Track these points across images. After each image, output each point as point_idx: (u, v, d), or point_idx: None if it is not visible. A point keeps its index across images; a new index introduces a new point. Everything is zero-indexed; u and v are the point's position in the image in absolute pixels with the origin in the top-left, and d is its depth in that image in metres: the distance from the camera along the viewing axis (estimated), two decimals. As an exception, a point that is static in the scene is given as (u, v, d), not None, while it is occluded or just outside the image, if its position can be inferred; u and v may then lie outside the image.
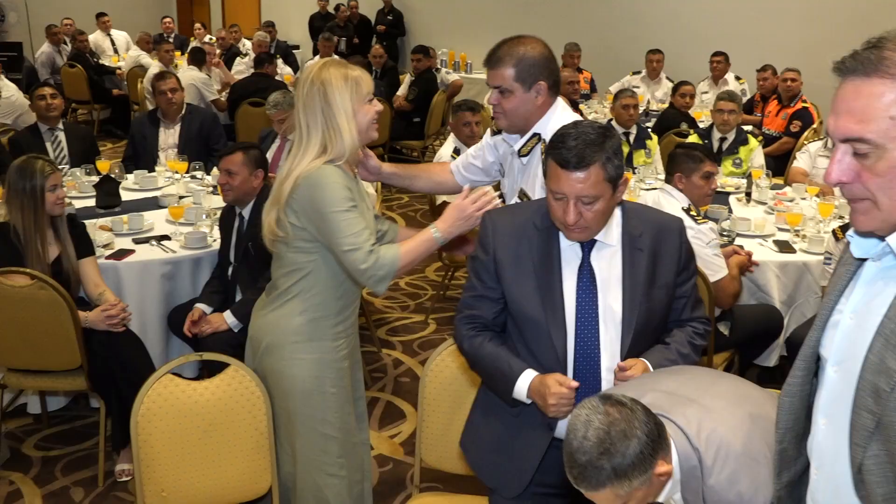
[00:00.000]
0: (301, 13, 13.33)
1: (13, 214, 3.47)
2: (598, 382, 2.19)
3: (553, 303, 2.17)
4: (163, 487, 2.59)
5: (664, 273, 2.22)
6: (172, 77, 5.81)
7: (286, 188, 2.46)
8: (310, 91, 2.46)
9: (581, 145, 2.03)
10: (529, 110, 2.68)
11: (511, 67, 2.63)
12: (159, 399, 2.57)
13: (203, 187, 5.05)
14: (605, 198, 2.07)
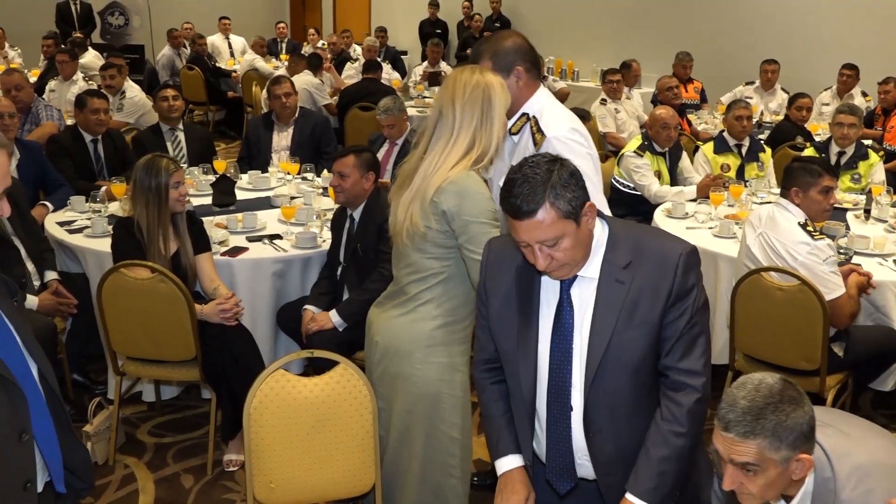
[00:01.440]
0: (410, 19, 13.51)
1: (138, 210, 3.63)
2: (567, 423, 2.14)
3: (527, 340, 2.13)
4: (271, 479, 2.66)
5: (646, 309, 2.03)
6: (287, 82, 5.98)
7: (432, 184, 2.50)
8: (475, 90, 2.52)
9: (525, 190, 1.91)
10: (514, 95, 2.83)
11: (488, 60, 2.86)
12: (271, 393, 2.65)
13: (314, 189, 5.17)
14: (570, 234, 1.95)
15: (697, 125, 7.83)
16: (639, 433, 2.11)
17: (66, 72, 8.01)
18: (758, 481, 1.81)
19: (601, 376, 2.05)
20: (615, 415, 2.09)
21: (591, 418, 2.10)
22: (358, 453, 2.72)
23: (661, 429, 2.06)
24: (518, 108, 2.92)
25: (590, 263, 2.06)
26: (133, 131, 6.42)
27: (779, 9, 9.49)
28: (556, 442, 2.18)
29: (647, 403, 2.11)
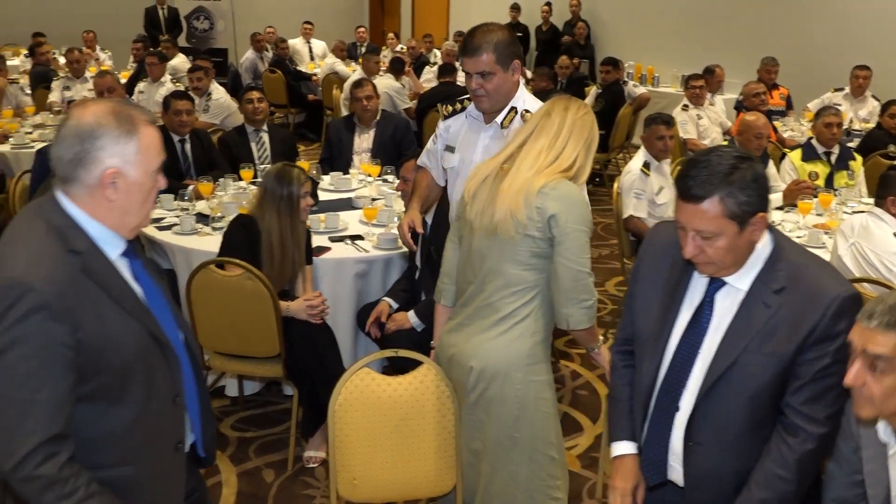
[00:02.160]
0: (488, 24, 13.52)
1: (268, 218, 3.68)
2: (670, 421, 2.11)
3: (662, 329, 2.11)
4: (354, 476, 2.69)
5: (782, 340, 1.95)
6: (369, 85, 6.05)
7: (535, 183, 2.48)
8: (587, 115, 2.60)
9: (703, 175, 1.89)
10: (509, 88, 3.03)
11: (491, 52, 2.95)
12: (356, 391, 2.67)
13: (394, 191, 5.21)
14: (729, 235, 1.91)
15: (783, 132, 7.64)
16: (740, 461, 2.06)
17: (154, 74, 8.25)
18: (885, 381, 1.75)
19: (717, 390, 2.02)
20: (720, 433, 2.04)
21: (694, 427, 2.07)
22: (440, 454, 2.73)
23: (767, 469, 2.00)
24: (508, 102, 3.06)
25: (744, 275, 2.02)
26: (219, 132, 6.57)
27: (868, 13, 9.20)
28: (655, 435, 2.16)
29: (757, 434, 2.04)
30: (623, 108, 8.38)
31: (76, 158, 1.78)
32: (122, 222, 1.86)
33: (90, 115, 1.79)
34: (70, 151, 1.78)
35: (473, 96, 3.06)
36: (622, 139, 8.62)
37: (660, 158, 5.09)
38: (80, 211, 1.82)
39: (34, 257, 1.73)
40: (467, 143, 3.19)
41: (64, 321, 1.70)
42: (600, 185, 8.72)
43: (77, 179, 1.80)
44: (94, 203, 1.82)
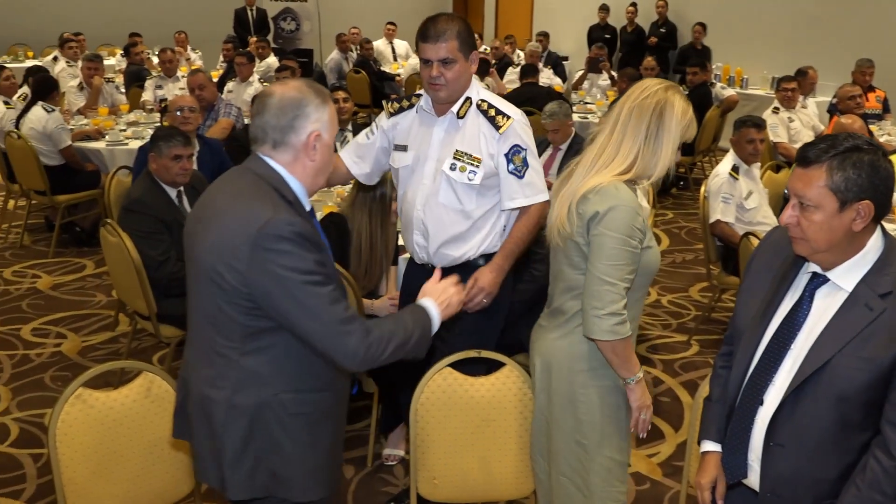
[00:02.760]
0: (575, 24, 13.40)
1: (358, 218, 3.72)
2: (752, 416, 2.06)
3: (759, 324, 2.08)
4: (435, 475, 2.70)
5: (881, 347, 1.87)
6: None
7: (579, 190, 2.38)
8: (649, 98, 2.36)
9: (823, 145, 1.91)
10: (466, 78, 2.95)
11: (454, 39, 2.85)
12: (438, 390, 2.68)
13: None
14: (826, 210, 1.88)
15: (879, 136, 7.38)
16: (819, 469, 1.99)
17: (243, 74, 8.42)
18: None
19: (805, 390, 1.96)
20: (802, 436, 1.98)
21: (777, 426, 2.01)
22: (521, 456, 2.72)
23: (862, 493, 1.92)
24: (462, 94, 2.97)
25: (849, 274, 1.97)
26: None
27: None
28: (738, 430, 2.11)
29: (840, 442, 1.97)
30: (710, 110, 8.21)
31: (288, 125, 2.09)
32: (314, 182, 2.18)
33: (293, 90, 2.11)
34: (282, 119, 2.09)
35: (430, 85, 2.91)
36: (709, 142, 8.45)
37: (749, 162, 4.97)
38: (285, 170, 2.12)
39: (273, 203, 2.03)
40: (421, 139, 3.06)
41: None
42: (685, 189, 8.56)
43: (287, 143, 2.10)
44: (296, 164, 2.13)
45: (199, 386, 2.15)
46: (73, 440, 2.50)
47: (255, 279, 1.99)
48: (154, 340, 4.75)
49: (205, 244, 2.06)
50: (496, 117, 2.92)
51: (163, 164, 4.24)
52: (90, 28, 12.09)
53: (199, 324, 2.16)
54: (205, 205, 2.16)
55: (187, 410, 2.22)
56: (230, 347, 2.09)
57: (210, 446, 2.15)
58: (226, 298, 2.04)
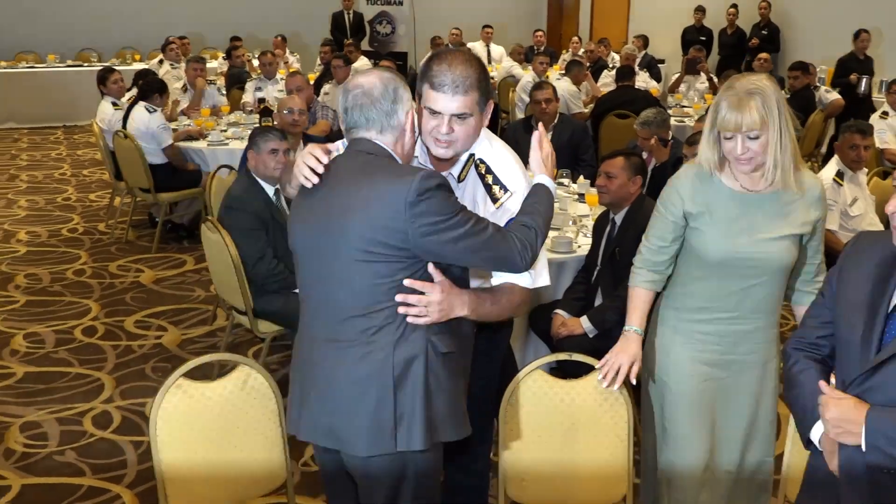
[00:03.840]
0: (670, 27, 13.19)
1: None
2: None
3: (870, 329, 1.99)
4: (523, 476, 2.68)
5: None
6: (550, 87, 6.03)
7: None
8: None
9: None
10: (478, 132, 2.42)
11: (475, 91, 2.30)
12: (528, 392, 2.67)
13: (569, 194, 5.16)
14: None
15: None
16: None
17: (339, 76, 8.57)
18: None
19: None
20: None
21: None
22: (611, 462, 2.68)
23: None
24: (468, 148, 2.43)
25: None
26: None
27: None
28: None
29: None
30: (813, 114, 7.96)
31: (391, 109, 2.21)
32: (409, 161, 2.34)
33: (386, 77, 2.23)
34: (384, 104, 2.21)
35: (436, 140, 2.34)
36: (811, 147, 8.19)
37: (854, 169, 4.80)
38: (391, 150, 2.25)
39: (402, 166, 2.23)
40: None
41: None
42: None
43: (391, 126, 2.22)
44: (397, 144, 2.26)
45: (350, 366, 2.19)
46: (173, 428, 2.58)
47: (421, 236, 2.11)
48: (250, 335, 4.86)
49: (351, 226, 2.14)
50: (493, 187, 2.45)
51: (261, 159, 4.36)
52: (194, 32, 12.51)
53: (338, 310, 2.21)
54: (328, 198, 2.21)
55: (328, 400, 2.23)
56: (380, 309, 2.16)
57: (378, 416, 2.17)
58: (385, 271, 2.14)
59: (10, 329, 5.16)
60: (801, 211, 2.50)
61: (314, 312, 2.30)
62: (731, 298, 2.57)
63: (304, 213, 2.29)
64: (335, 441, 2.25)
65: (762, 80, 2.40)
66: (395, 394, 2.17)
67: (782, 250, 2.50)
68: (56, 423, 4.07)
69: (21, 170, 9.54)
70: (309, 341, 2.31)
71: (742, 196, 2.50)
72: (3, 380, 4.51)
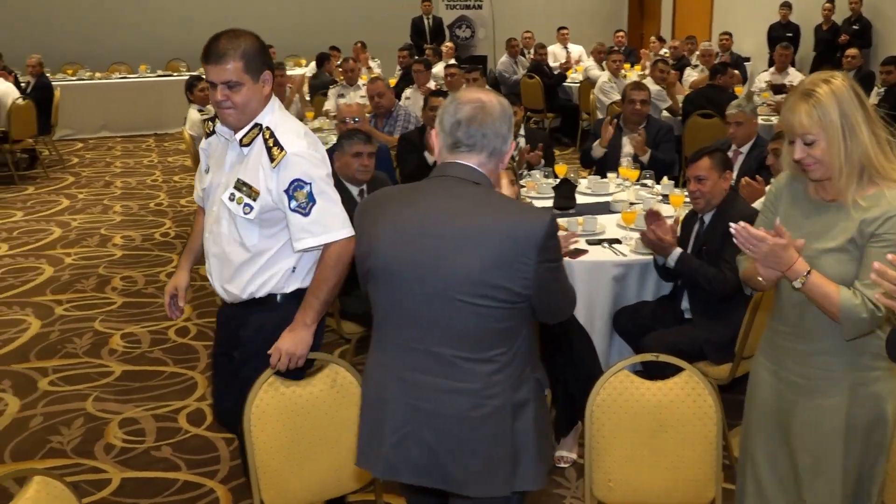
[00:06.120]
0: (755, 24, 12.88)
1: None
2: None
3: None
4: (610, 477, 2.67)
5: None
6: (646, 89, 5.98)
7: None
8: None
9: None
10: (259, 101, 2.69)
11: (239, 60, 2.61)
12: (614, 392, 2.66)
13: (653, 195, 5.12)
14: None
15: None
16: None
17: (420, 80, 8.65)
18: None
19: None
20: None
21: None
22: (700, 464, 2.64)
23: None
24: (252, 118, 2.71)
25: None
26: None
27: None
28: None
29: None
30: (909, 110, 7.68)
31: (506, 135, 2.16)
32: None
33: (504, 101, 2.18)
34: (503, 128, 2.14)
35: (218, 109, 2.70)
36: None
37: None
38: (489, 180, 2.17)
39: (525, 205, 2.30)
40: (218, 162, 2.87)
41: None
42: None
43: (500, 152, 2.16)
44: (493, 173, 2.19)
45: (462, 408, 2.12)
46: (266, 425, 2.66)
47: (541, 279, 2.08)
48: (335, 336, 4.95)
49: (466, 265, 2.04)
50: (272, 148, 2.69)
51: (344, 161, 4.45)
52: (278, 39, 12.75)
53: (442, 350, 2.12)
54: (432, 229, 2.09)
55: (433, 441, 2.15)
56: (498, 354, 2.11)
57: (494, 456, 2.14)
58: (497, 315, 2.08)
59: (109, 329, 5.37)
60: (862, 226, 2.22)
61: (405, 347, 2.17)
62: (793, 311, 2.38)
63: (395, 234, 2.14)
64: (440, 481, 2.17)
65: (830, 79, 2.20)
66: (511, 434, 2.14)
67: (835, 264, 2.24)
68: (153, 420, 4.22)
69: (115, 176, 9.90)
70: (398, 380, 2.18)
71: (812, 202, 2.34)
72: (102, 378, 4.70)
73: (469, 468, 2.14)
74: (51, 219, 8.04)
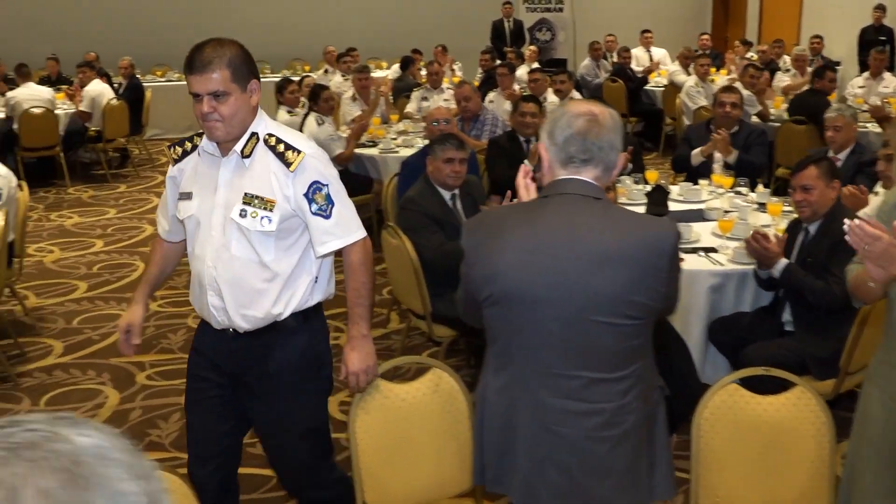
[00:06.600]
0: (846, 27, 12.53)
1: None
2: None
3: None
4: (717, 494, 2.62)
5: None
6: (738, 93, 5.87)
7: None
8: None
9: None
10: (247, 111, 2.53)
11: (225, 68, 2.45)
12: (723, 406, 2.60)
13: (748, 204, 5.01)
14: None
15: None
16: None
17: (504, 84, 8.64)
18: None
19: None
20: None
21: None
22: (812, 483, 2.57)
23: None
24: (246, 130, 2.55)
25: None
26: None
27: None
28: None
29: None
30: None
31: (619, 146, 2.11)
32: None
33: (612, 111, 2.14)
34: (617, 139, 2.10)
35: (204, 122, 2.50)
36: None
37: None
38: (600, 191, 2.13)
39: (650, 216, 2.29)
40: (205, 184, 2.62)
41: None
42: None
43: (614, 164, 2.12)
44: (605, 185, 2.15)
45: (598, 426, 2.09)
46: (369, 427, 2.68)
47: (670, 286, 2.10)
48: (424, 339, 4.98)
49: (605, 285, 2.01)
50: (285, 153, 2.54)
51: (436, 165, 4.46)
52: (359, 42, 12.89)
53: (560, 369, 2.09)
54: (560, 248, 2.05)
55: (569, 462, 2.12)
56: (633, 371, 2.10)
57: (633, 472, 2.14)
58: (630, 331, 2.06)
59: (201, 326, 5.49)
60: None
61: (536, 371, 2.12)
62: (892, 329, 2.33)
63: (519, 257, 2.08)
64: (582, 502, 2.14)
65: None
66: (648, 445, 2.14)
67: None
68: (247, 417, 4.30)
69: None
70: (529, 405, 2.14)
71: None
72: (196, 374, 4.81)
73: (612, 486, 2.12)
74: (142, 216, 8.26)
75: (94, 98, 9.52)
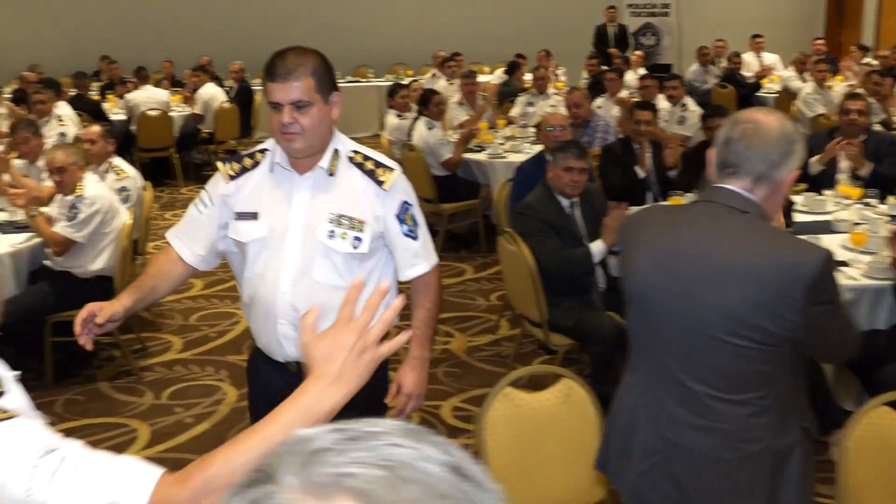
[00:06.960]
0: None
1: None
2: None
3: None
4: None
5: None
6: (864, 100, 5.65)
7: None
8: None
9: None
10: (328, 125, 2.39)
11: (310, 77, 2.30)
12: (874, 430, 2.47)
13: (879, 216, 4.79)
14: None
15: None
16: None
17: (612, 89, 8.52)
18: None
19: None
20: None
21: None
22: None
23: None
24: (327, 145, 2.40)
25: None
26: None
27: None
28: None
29: None
30: None
31: (778, 161, 1.99)
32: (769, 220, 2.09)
33: (788, 126, 2.03)
34: (775, 152, 1.99)
35: (283, 134, 2.32)
36: None
37: None
38: (762, 207, 2.02)
39: (797, 238, 2.15)
40: (276, 203, 2.42)
41: None
42: None
43: (769, 179, 2.00)
44: (768, 201, 2.02)
45: (708, 445, 2.06)
46: (499, 435, 2.65)
47: (812, 323, 1.95)
48: (534, 346, 4.93)
49: (727, 299, 1.96)
50: (376, 170, 2.41)
51: (556, 173, 4.40)
52: (463, 46, 12.92)
53: (681, 378, 2.06)
54: (696, 255, 2.03)
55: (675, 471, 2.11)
56: (756, 397, 2.02)
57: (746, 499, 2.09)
58: (753, 355, 1.98)
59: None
60: None
61: (661, 375, 2.12)
62: None
63: (653, 260, 2.10)
64: None
65: None
66: (770, 484, 2.05)
67: None
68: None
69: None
70: (650, 408, 2.15)
71: None
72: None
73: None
74: (252, 217, 8.44)
75: (207, 101, 9.81)
